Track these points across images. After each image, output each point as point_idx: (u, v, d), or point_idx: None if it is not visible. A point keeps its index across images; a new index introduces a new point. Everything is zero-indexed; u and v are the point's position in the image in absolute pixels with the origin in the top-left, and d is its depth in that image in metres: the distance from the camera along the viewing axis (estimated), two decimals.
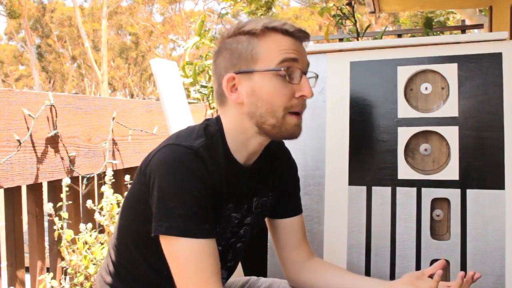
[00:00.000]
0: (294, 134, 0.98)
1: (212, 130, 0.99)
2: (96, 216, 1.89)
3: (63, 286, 1.87)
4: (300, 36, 0.98)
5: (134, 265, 1.03)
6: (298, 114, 0.97)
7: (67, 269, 1.85)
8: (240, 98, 0.96)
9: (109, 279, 1.07)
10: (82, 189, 2.05)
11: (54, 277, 1.89)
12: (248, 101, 0.96)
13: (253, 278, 1.27)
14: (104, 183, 1.95)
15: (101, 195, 1.97)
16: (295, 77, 0.95)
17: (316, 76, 1.06)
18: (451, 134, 1.30)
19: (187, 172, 0.90)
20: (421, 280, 1.00)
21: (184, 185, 0.89)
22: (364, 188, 1.36)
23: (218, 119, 1.02)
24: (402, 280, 1.03)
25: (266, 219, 1.19)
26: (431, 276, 1.01)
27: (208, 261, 0.89)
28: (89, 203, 1.91)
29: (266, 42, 0.95)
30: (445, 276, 1.28)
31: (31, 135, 1.73)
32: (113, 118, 2.17)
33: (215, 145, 0.97)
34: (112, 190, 1.92)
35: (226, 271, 1.12)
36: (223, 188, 0.97)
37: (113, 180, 1.97)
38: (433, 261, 1.29)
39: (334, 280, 1.11)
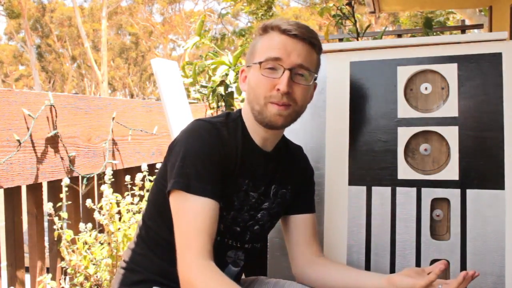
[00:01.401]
0: (274, 122, 1.07)
1: (233, 115, 1.14)
2: (96, 215, 1.89)
3: (63, 287, 1.87)
4: (297, 34, 1.05)
5: (160, 234, 1.11)
6: (280, 106, 1.05)
7: (67, 269, 1.85)
8: (245, 86, 1.13)
9: (137, 248, 1.15)
10: (82, 189, 2.05)
11: (54, 277, 1.89)
12: (246, 89, 1.12)
13: (262, 277, 1.29)
14: (104, 182, 1.95)
15: (101, 195, 1.96)
16: (277, 72, 1.05)
17: (311, 73, 1.09)
18: (451, 134, 1.30)
19: (198, 138, 1.03)
20: (420, 275, 1.04)
21: (193, 148, 1.02)
22: (364, 188, 1.36)
23: (241, 109, 1.16)
24: (401, 272, 1.08)
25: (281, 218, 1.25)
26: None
27: (203, 219, 0.97)
28: (88, 202, 1.91)
29: (264, 39, 1.08)
30: (445, 276, 1.28)
31: (31, 135, 1.73)
32: (113, 118, 2.17)
33: (235, 126, 1.11)
34: (111, 190, 1.92)
35: (244, 253, 1.17)
36: (237, 162, 1.08)
37: (113, 180, 1.97)
38: (433, 261, 1.29)
39: (339, 274, 1.16)
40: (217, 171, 1.02)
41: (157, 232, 1.12)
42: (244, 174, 1.10)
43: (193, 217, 0.97)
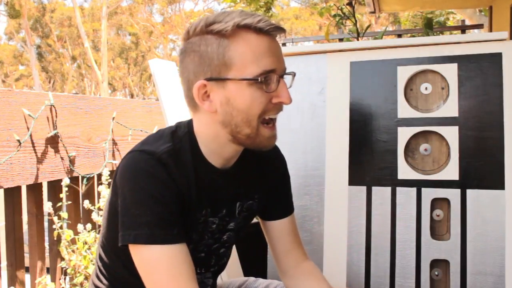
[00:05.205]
0: (268, 145, 0.94)
1: (180, 134, 0.96)
2: (94, 216, 1.89)
3: (63, 287, 1.87)
4: (275, 34, 0.90)
5: (116, 270, 1.03)
6: (272, 125, 0.93)
7: (67, 269, 1.85)
8: (213, 106, 0.90)
9: (98, 282, 1.07)
10: (82, 189, 2.05)
11: (54, 277, 1.89)
12: (222, 110, 0.90)
13: (251, 278, 1.26)
14: (102, 183, 1.95)
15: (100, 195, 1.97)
16: (272, 84, 0.89)
17: (294, 74, 0.96)
18: (451, 134, 1.30)
19: (148, 177, 0.88)
20: None
21: (147, 191, 0.87)
22: (364, 188, 1.36)
23: (189, 122, 0.98)
24: None
25: (259, 220, 1.17)
26: None
27: (179, 267, 0.87)
28: (86, 203, 1.91)
29: (239, 44, 0.87)
30: (446, 276, 1.28)
31: (31, 135, 1.73)
32: (113, 118, 2.17)
33: (183, 150, 0.94)
34: (110, 190, 1.92)
35: (211, 274, 1.10)
36: (192, 194, 0.94)
37: (111, 180, 1.97)
38: (433, 261, 1.29)
39: None
40: (176, 210, 0.90)
41: (115, 269, 1.03)
42: (201, 206, 0.96)
43: (169, 268, 0.86)
